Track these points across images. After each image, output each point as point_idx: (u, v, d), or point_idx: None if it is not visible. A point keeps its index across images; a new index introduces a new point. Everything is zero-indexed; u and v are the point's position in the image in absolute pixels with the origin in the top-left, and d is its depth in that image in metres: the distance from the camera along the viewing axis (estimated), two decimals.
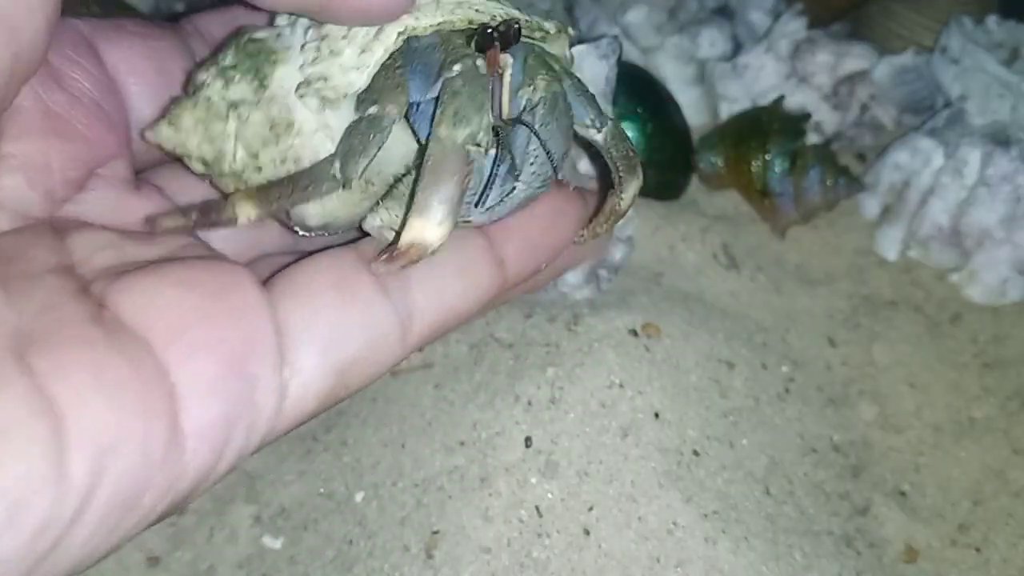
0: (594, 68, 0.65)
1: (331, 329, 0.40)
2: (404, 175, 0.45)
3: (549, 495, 0.58)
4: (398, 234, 0.40)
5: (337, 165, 0.40)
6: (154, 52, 0.46)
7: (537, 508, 0.58)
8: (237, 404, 0.36)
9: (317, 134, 0.43)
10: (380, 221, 0.46)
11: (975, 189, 0.79)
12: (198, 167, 0.46)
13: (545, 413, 0.61)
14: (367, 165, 0.40)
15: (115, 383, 0.33)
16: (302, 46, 0.43)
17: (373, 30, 0.42)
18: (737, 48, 0.94)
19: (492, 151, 0.42)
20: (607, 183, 0.50)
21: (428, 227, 0.39)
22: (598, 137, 0.48)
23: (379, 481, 0.62)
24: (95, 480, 0.31)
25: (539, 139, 0.43)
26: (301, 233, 0.47)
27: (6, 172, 0.38)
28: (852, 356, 0.77)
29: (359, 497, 0.62)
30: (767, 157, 0.80)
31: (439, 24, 0.42)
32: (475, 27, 0.43)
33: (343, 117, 0.42)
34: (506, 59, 0.42)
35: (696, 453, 0.61)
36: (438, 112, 0.40)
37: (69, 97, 0.41)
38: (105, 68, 0.43)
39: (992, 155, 0.79)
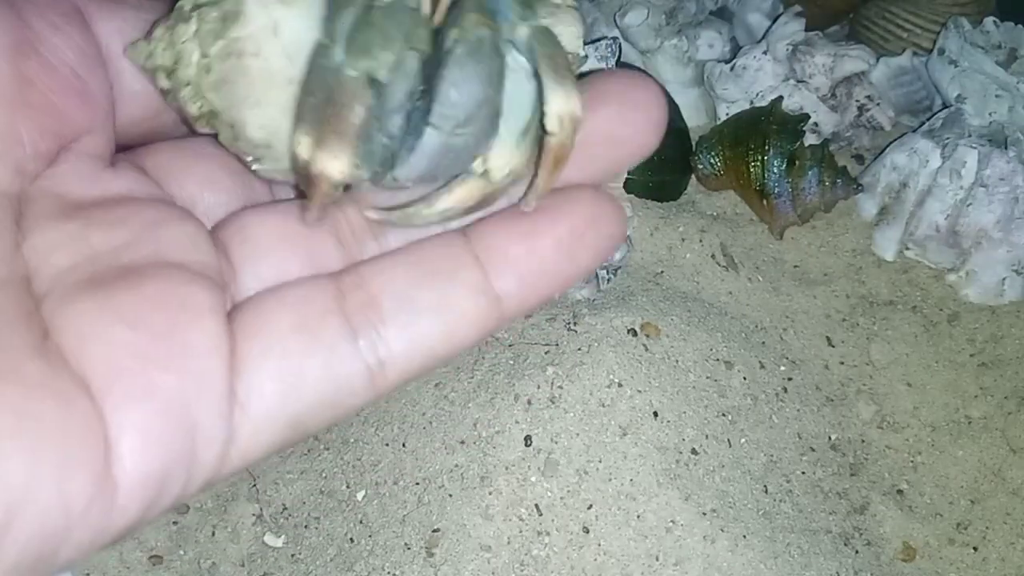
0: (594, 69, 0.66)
1: (290, 377, 0.38)
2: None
3: (549, 493, 0.59)
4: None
5: (349, 68, 0.36)
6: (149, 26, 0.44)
7: (537, 506, 0.58)
8: (176, 454, 0.34)
9: (263, 30, 0.39)
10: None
11: (972, 190, 0.79)
12: (164, 82, 0.42)
13: (545, 412, 0.61)
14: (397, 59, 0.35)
15: (37, 430, 0.30)
16: None
17: None
18: (735, 50, 0.94)
19: (401, 88, 0.37)
20: None
21: (327, 160, 0.35)
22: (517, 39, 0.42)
23: (380, 479, 0.62)
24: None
25: (454, 78, 0.37)
26: (256, 168, 0.43)
27: None
28: (850, 356, 0.77)
29: (360, 495, 0.62)
30: (765, 158, 0.80)
31: None
32: None
33: (296, 16, 0.38)
34: None
35: (695, 452, 0.62)
36: (345, 37, 0.36)
37: (45, 65, 0.39)
38: (93, 39, 0.41)
39: (989, 156, 0.79)
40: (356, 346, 0.39)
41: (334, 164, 0.36)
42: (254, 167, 0.44)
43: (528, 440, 0.61)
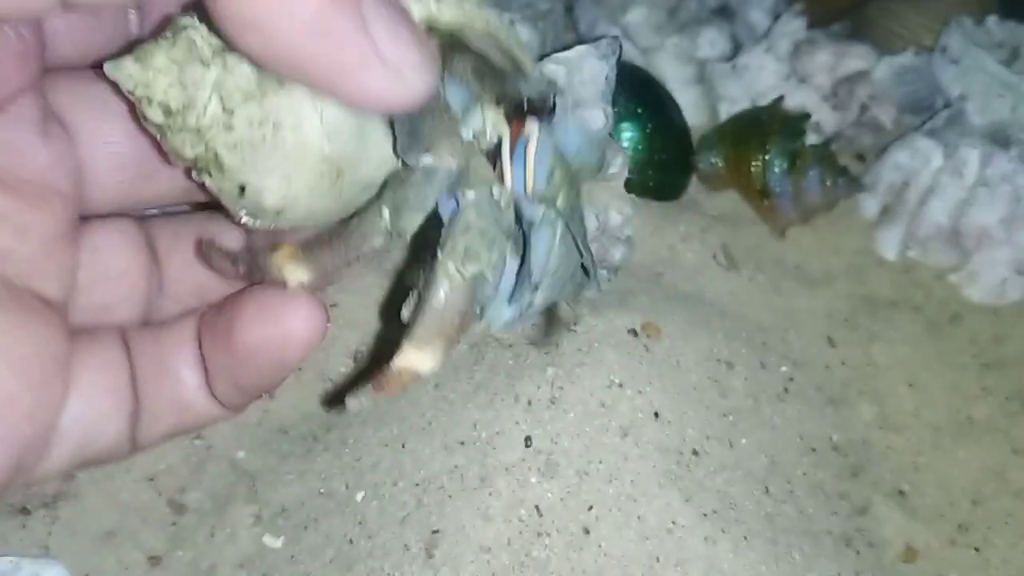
0: (594, 68, 0.65)
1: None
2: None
3: (549, 494, 0.58)
4: (389, 358, 0.39)
5: (387, 217, 0.39)
6: None
7: (537, 507, 0.58)
8: None
9: (308, 102, 0.39)
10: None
11: (975, 189, 0.79)
12: (156, 115, 0.41)
13: (545, 413, 0.61)
14: (422, 221, 0.39)
15: None
16: None
17: None
18: (737, 48, 0.94)
19: (509, 264, 0.41)
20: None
21: (423, 359, 0.38)
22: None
23: (379, 481, 0.62)
24: None
25: (558, 253, 0.43)
26: (245, 222, 0.42)
27: None
28: (851, 356, 0.77)
29: (359, 496, 0.62)
30: (766, 157, 0.80)
31: (460, 21, 0.39)
32: (489, 42, 0.41)
33: (340, 120, 0.40)
34: (532, 127, 0.41)
35: (696, 453, 0.62)
36: (448, 242, 0.39)
37: None
38: None
39: (992, 155, 0.79)
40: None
41: (428, 364, 0.38)
42: (243, 221, 0.43)
43: (528, 441, 0.60)
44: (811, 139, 0.85)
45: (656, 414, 0.62)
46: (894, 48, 0.96)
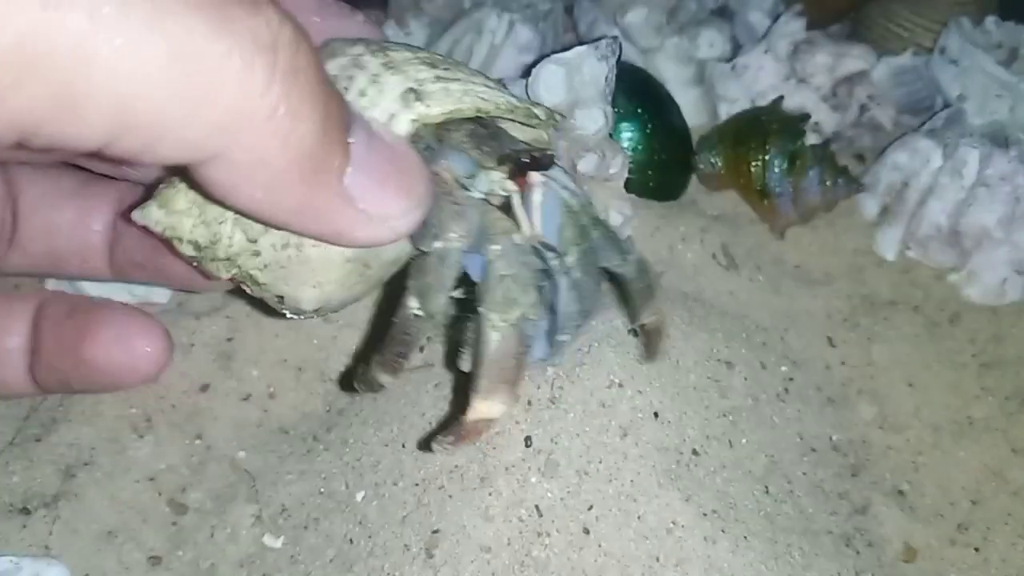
0: (594, 69, 0.66)
1: None
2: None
3: (549, 494, 0.58)
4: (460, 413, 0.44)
5: (414, 306, 0.42)
6: None
7: (537, 507, 0.58)
8: None
9: None
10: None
11: (974, 189, 0.79)
12: (188, 250, 0.45)
13: (545, 412, 0.61)
14: (447, 299, 0.43)
15: None
16: None
17: (386, 117, 0.42)
18: (736, 49, 0.94)
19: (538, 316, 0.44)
20: None
21: (493, 407, 0.43)
22: (624, 271, 0.52)
23: (380, 480, 0.62)
24: None
25: (575, 297, 0.47)
26: (290, 317, 0.46)
27: None
28: (851, 356, 0.77)
29: (360, 496, 0.62)
30: (766, 157, 0.80)
31: (450, 111, 0.42)
32: (482, 115, 0.44)
33: None
34: (535, 180, 0.44)
35: (695, 452, 0.62)
36: (486, 295, 0.42)
37: None
38: None
39: (991, 155, 0.79)
40: None
41: (498, 409, 0.42)
42: (288, 315, 0.47)
43: (528, 441, 0.60)
44: (810, 139, 0.85)
45: (656, 414, 0.62)
46: (893, 49, 0.96)
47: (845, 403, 0.74)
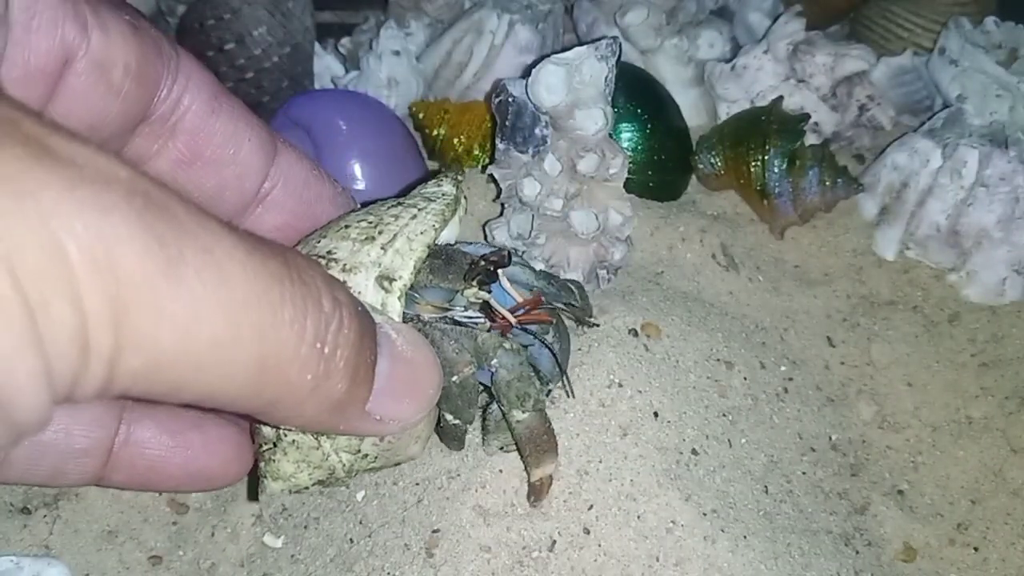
0: (594, 69, 0.66)
1: None
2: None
3: (549, 494, 0.58)
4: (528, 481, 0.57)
5: (452, 419, 0.53)
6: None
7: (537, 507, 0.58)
8: None
9: None
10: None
11: (973, 189, 0.79)
12: (318, 487, 0.54)
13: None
14: (475, 412, 0.54)
15: None
16: None
17: (379, 308, 0.49)
18: (736, 49, 0.94)
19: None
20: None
21: (547, 469, 0.55)
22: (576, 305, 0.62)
23: (380, 480, 0.62)
24: None
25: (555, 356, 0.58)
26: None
27: None
28: (850, 356, 0.77)
29: (360, 496, 0.62)
30: (766, 158, 0.80)
31: (414, 266, 0.51)
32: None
33: None
34: (499, 275, 0.54)
35: (695, 452, 0.62)
36: (503, 400, 0.54)
37: None
38: None
39: (990, 156, 0.79)
40: None
41: (551, 468, 0.55)
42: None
43: None
44: (810, 139, 0.85)
45: (656, 414, 0.62)
46: (893, 49, 0.96)
47: (844, 403, 0.75)
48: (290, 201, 0.56)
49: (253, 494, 0.59)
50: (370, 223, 0.52)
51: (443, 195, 0.55)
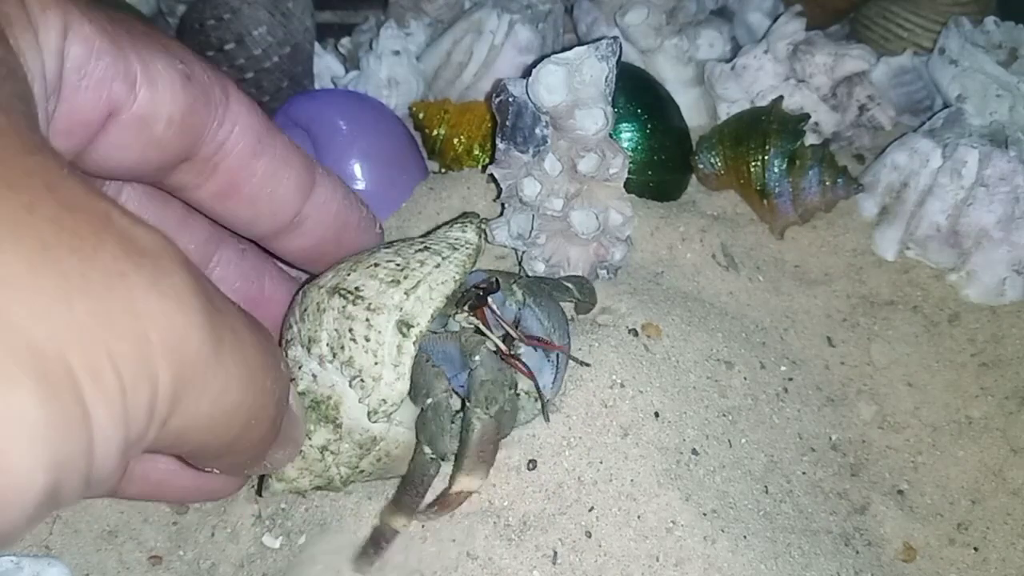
0: (594, 69, 0.66)
1: None
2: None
3: (549, 494, 0.58)
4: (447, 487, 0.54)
5: (428, 451, 0.53)
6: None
7: (537, 507, 0.58)
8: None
9: (392, 431, 0.56)
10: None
11: (973, 189, 0.79)
12: (312, 491, 0.59)
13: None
14: (450, 440, 0.54)
15: None
16: (349, 383, 0.54)
17: (394, 350, 0.53)
18: (736, 49, 0.94)
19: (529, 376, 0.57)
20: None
21: (472, 482, 0.53)
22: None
23: (380, 484, 0.62)
24: None
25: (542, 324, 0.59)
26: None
27: None
28: (850, 356, 0.77)
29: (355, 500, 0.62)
30: (766, 158, 0.80)
31: (432, 314, 0.53)
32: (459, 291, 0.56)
33: (402, 412, 0.55)
34: (488, 301, 0.57)
35: (695, 452, 0.62)
36: (472, 396, 0.54)
37: None
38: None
39: (990, 156, 0.79)
40: None
41: (476, 484, 0.53)
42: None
43: (529, 440, 0.60)
44: (810, 139, 0.85)
45: (656, 414, 0.62)
46: (893, 49, 0.96)
47: (844, 403, 0.75)
48: (319, 229, 0.58)
49: (258, 491, 0.61)
50: (397, 265, 0.55)
51: (466, 244, 0.59)
